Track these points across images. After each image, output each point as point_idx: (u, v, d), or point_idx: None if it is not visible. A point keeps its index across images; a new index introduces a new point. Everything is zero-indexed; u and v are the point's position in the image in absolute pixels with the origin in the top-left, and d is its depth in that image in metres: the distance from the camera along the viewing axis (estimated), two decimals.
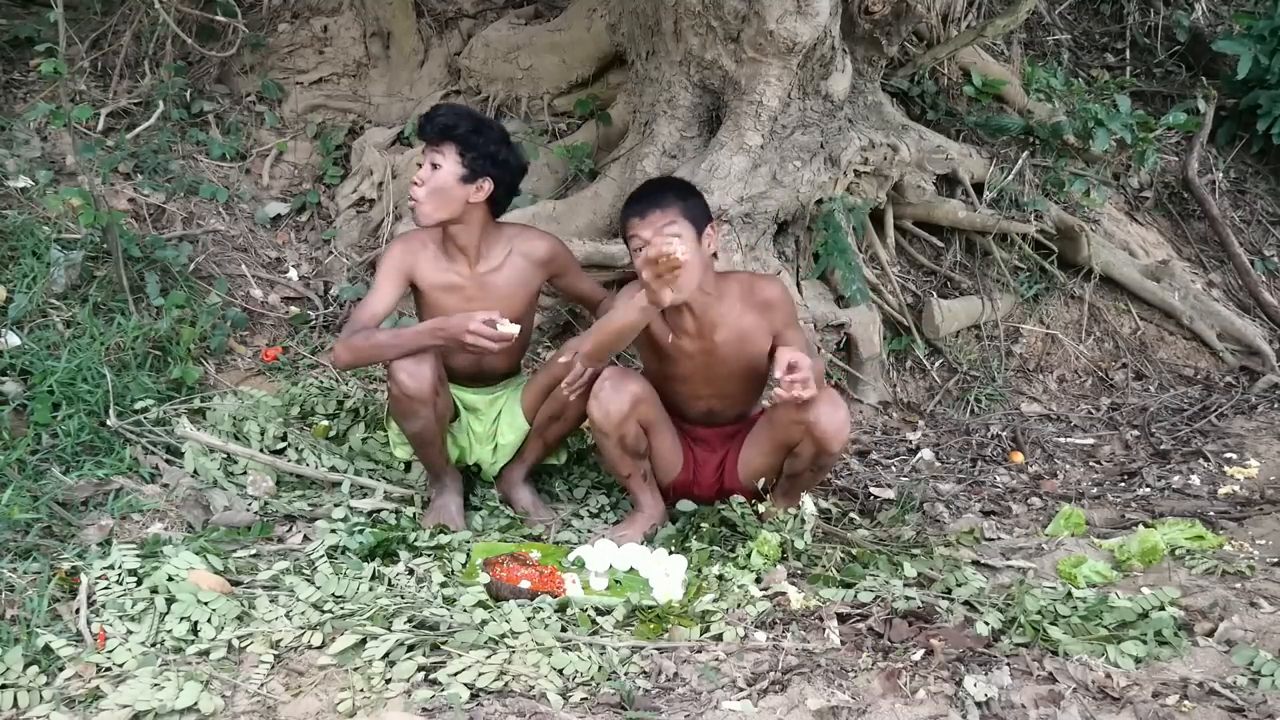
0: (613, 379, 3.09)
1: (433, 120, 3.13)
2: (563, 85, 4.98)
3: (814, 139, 4.29)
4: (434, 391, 3.11)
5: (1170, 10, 6.56)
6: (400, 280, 3.19)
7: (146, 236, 4.27)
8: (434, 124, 3.12)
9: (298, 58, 5.20)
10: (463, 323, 2.95)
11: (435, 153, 3.11)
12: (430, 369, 3.08)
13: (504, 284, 3.27)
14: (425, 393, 3.08)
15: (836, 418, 3.00)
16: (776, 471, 3.22)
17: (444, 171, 3.11)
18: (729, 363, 3.17)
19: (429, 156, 3.12)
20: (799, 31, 4.03)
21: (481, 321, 2.93)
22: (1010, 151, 5.16)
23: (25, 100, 4.87)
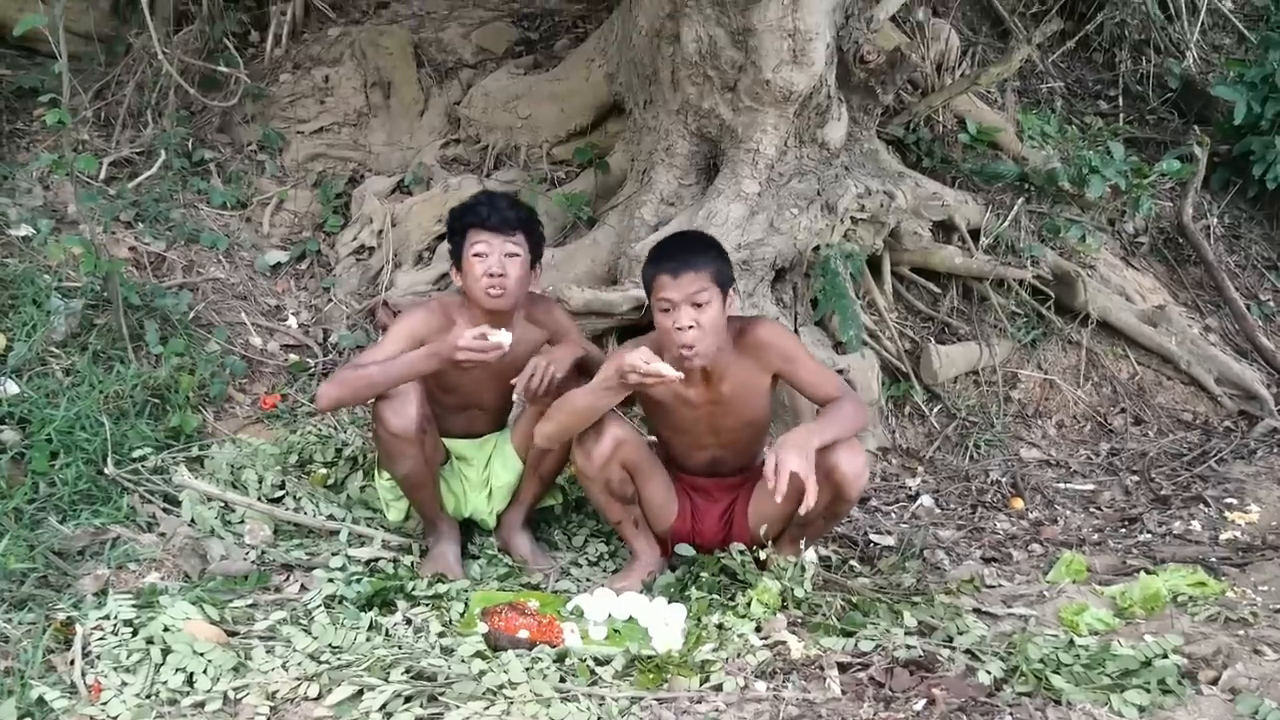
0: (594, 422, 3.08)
1: (501, 212, 3.16)
2: (561, 134, 5.02)
3: (811, 186, 4.31)
4: (420, 430, 3.10)
5: (1162, 58, 6.63)
6: (411, 347, 3.10)
7: (147, 284, 4.28)
8: (506, 216, 3.15)
9: (299, 107, 5.25)
10: (454, 340, 2.96)
11: (510, 242, 3.14)
12: (415, 407, 3.06)
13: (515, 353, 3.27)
14: (411, 431, 3.07)
15: (855, 464, 2.97)
16: (788, 518, 3.16)
17: (522, 261, 3.16)
18: (734, 412, 3.15)
19: (501, 247, 3.12)
20: (795, 81, 4.07)
21: (472, 336, 2.94)
22: (1006, 198, 5.19)
23: (29, 150, 4.91)
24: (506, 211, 3.16)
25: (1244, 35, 6.83)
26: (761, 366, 3.10)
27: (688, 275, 2.90)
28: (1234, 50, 6.80)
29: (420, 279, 4.60)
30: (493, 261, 3.11)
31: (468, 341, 2.92)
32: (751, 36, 4.02)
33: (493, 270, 3.11)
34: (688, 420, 3.18)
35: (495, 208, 3.16)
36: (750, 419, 3.20)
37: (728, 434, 3.21)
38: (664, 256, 3.00)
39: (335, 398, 3.07)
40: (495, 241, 3.12)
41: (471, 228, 3.15)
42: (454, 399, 3.30)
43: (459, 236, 3.20)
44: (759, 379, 3.13)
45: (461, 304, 3.24)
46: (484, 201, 3.19)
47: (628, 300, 4.00)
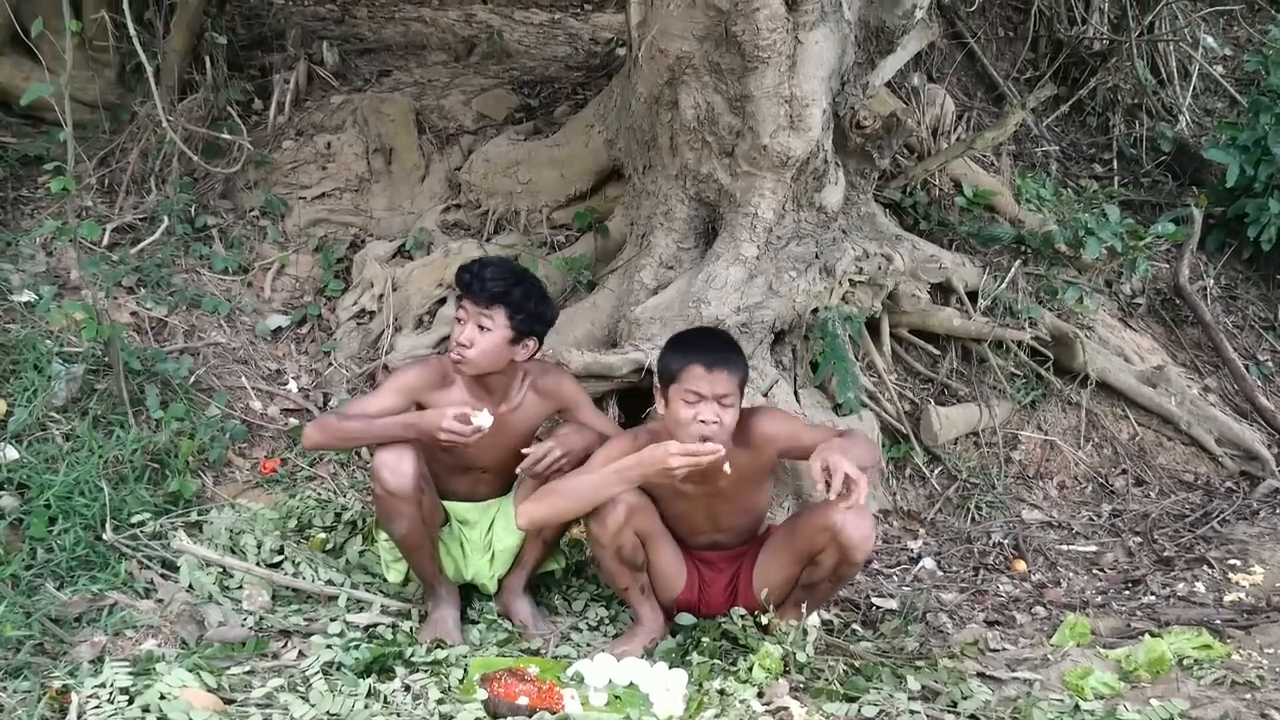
0: None
1: (482, 282, 3.11)
2: (561, 198, 5.07)
3: (809, 250, 4.35)
4: (418, 489, 3.09)
5: (1154, 122, 6.71)
6: (405, 402, 3.13)
7: (148, 349, 4.30)
8: (484, 288, 3.10)
9: (301, 173, 5.30)
10: (435, 420, 2.98)
11: (483, 315, 3.10)
12: (412, 465, 3.06)
13: (519, 421, 3.28)
14: (408, 490, 3.06)
15: (863, 526, 2.95)
16: (793, 582, 3.14)
17: (494, 335, 3.12)
18: (733, 502, 3.15)
19: (475, 317, 3.11)
20: (792, 146, 4.12)
21: (454, 417, 2.95)
22: (1003, 260, 5.23)
23: (33, 216, 4.95)
24: (488, 283, 3.11)
25: (1235, 99, 6.92)
26: (762, 457, 3.10)
27: (722, 374, 2.91)
28: (1226, 114, 6.89)
29: (420, 343, 4.62)
30: (464, 330, 3.12)
31: (450, 424, 2.95)
32: (749, 103, 4.07)
33: (459, 338, 3.12)
34: (684, 510, 3.17)
35: (478, 278, 3.13)
36: (749, 506, 3.20)
37: (726, 520, 3.21)
38: (700, 348, 2.98)
39: (317, 441, 3.14)
40: (472, 310, 3.12)
41: (459, 291, 3.18)
42: (452, 459, 3.30)
43: (456, 298, 3.24)
44: (759, 469, 3.13)
45: None
46: (471, 269, 3.17)
47: (627, 363, 4.01)
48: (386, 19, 7.82)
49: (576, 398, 3.42)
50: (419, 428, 3.02)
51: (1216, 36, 7.37)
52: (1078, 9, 6.93)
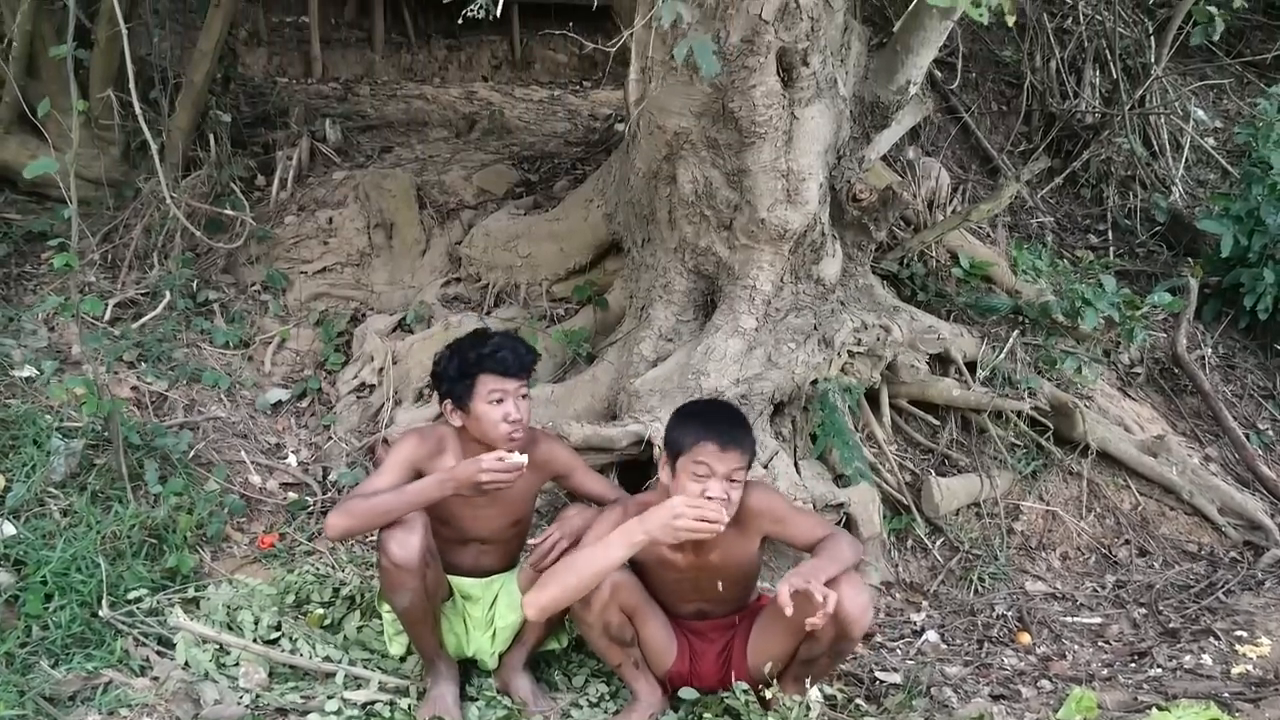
0: None
1: (520, 358, 3.18)
2: (561, 272, 5.10)
3: (807, 321, 4.37)
4: (423, 563, 3.07)
5: (1148, 193, 6.78)
6: (408, 474, 3.13)
7: (148, 424, 4.30)
8: (523, 363, 3.19)
9: (303, 248, 5.34)
10: (472, 468, 2.99)
11: (523, 386, 3.18)
12: (419, 538, 3.04)
13: (516, 490, 3.26)
14: (414, 562, 3.04)
15: (859, 601, 2.92)
16: (790, 657, 3.11)
17: (530, 399, 3.22)
18: (719, 574, 3.13)
19: (517, 392, 3.16)
20: (790, 219, 4.17)
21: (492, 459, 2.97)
22: (1001, 331, 5.25)
23: (35, 292, 4.98)
24: (525, 357, 3.19)
25: (1227, 171, 7.00)
26: (751, 531, 3.10)
27: (734, 453, 2.92)
28: (1218, 185, 6.97)
29: (420, 415, 4.62)
30: (510, 407, 3.14)
31: (490, 465, 2.96)
32: (746, 177, 4.12)
33: (511, 416, 3.13)
34: (670, 581, 3.16)
35: (516, 355, 3.16)
36: (737, 578, 3.19)
37: (712, 592, 3.18)
38: (714, 425, 2.98)
39: (345, 528, 3.05)
40: (511, 386, 3.15)
41: (486, 373, 3.15)
42: (451, 532, 3.28)
43: (468, 380, 3.17)
44: (747, 543, 3.12)
45: (452, 433, 3.26)
46: (504, 348, 3.17)
47: (627, 436, 4.01)
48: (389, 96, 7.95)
49: (571, 462, 3.43)
50: (457, 480, 3.01)
51: (1207, 109, 7.48)
52: (1069, 83, 7.05)
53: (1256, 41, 8.16)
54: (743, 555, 3.13)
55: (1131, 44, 7.11)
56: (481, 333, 3.35)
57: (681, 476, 2.93)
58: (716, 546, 3.04)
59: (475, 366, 3.16)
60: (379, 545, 3.07)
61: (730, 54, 3.78)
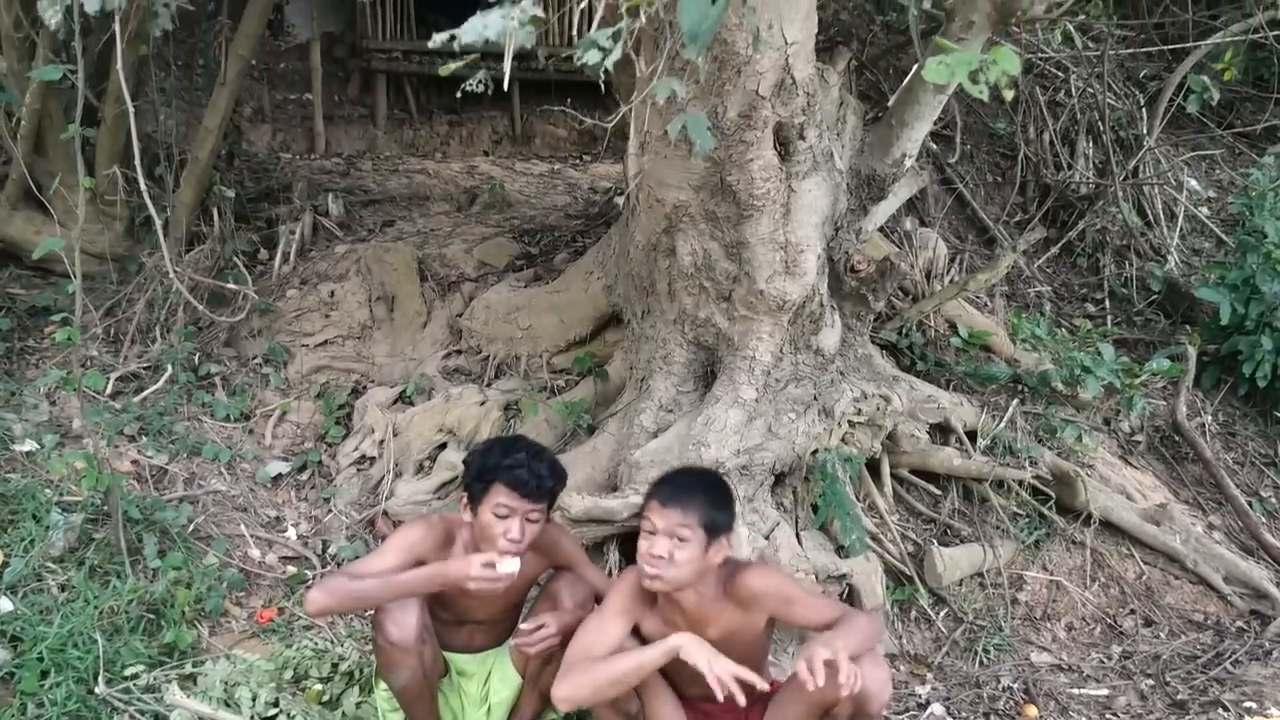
0: None
1: (540, 481, 3.06)
2: (561, 343, 5.12)
3: (807, 391, 4.38)
4: (420, 641, 3.04)
5: (1143, 262, 6.84)
6: (409, 561, 3.07)
7: (147, 498, 4.29)
8: (541, 487, 3.07)
9: (305, 321, 5.37)
10: (463, 569, 2.94)
11: (533, 510, 3.07)
12: (416, 618, 3.02)
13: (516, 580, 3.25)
14: (410, 642, 3.01)
15: (878, 677, 2.87)
16: None
17: (536, 527, 3.10)
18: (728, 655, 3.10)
19: (525, 513, 3.05)
20: (788, 290, 4.19)
21: (481, 565, 2.92)
22: (1000, 399, 5.26)
23: (37, 366, 5.00)
24: (545, 480, 3.07)
25: (1222, 240, 7.06)
26: (754, 611, 3.05)
27: (675, 510, 2.90)
28: (1213, 253, 7.02)
29: (420, 488, 4.61)
30: (513, 526, 3.04)
31: (479, 571, 2.91)
32: (745, 249, 4.15)
33: (510, 535, 3.04)
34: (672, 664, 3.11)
35: (534, 474, 3.05)
36: (743, 659, 3.14)
37: None
38: (663, 484, 3.01)
39: (324, 605, 2.97)
40: (521, 506, 3.05)
41: (500, 483, 3.05)
42: (448, 614, 3.26)
43: (483, 483, 3.08)
44: (751, 624, 3.07)
45: (463, 523, 3.21)
46: (522, 464, 3.06)
47: (628, 507, 4.00)
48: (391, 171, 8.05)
49: (573, 555, 3.38)
50: (446, 578, 2.96)
51: (1200, 179, 7.56)
52: (1063, 155, 7.14)
53: (1247, 113, 8.29)
54: (747, 635, 3.08)
55: (1124, 116, 7.23)
56: (519, 441, 3.23)
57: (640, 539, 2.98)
58: (711, 623, 3.00)
59: (493, 474, 3.06)
60: (375, 625, 3.05)
61: (728, 129, 3.83)
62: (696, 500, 2.94)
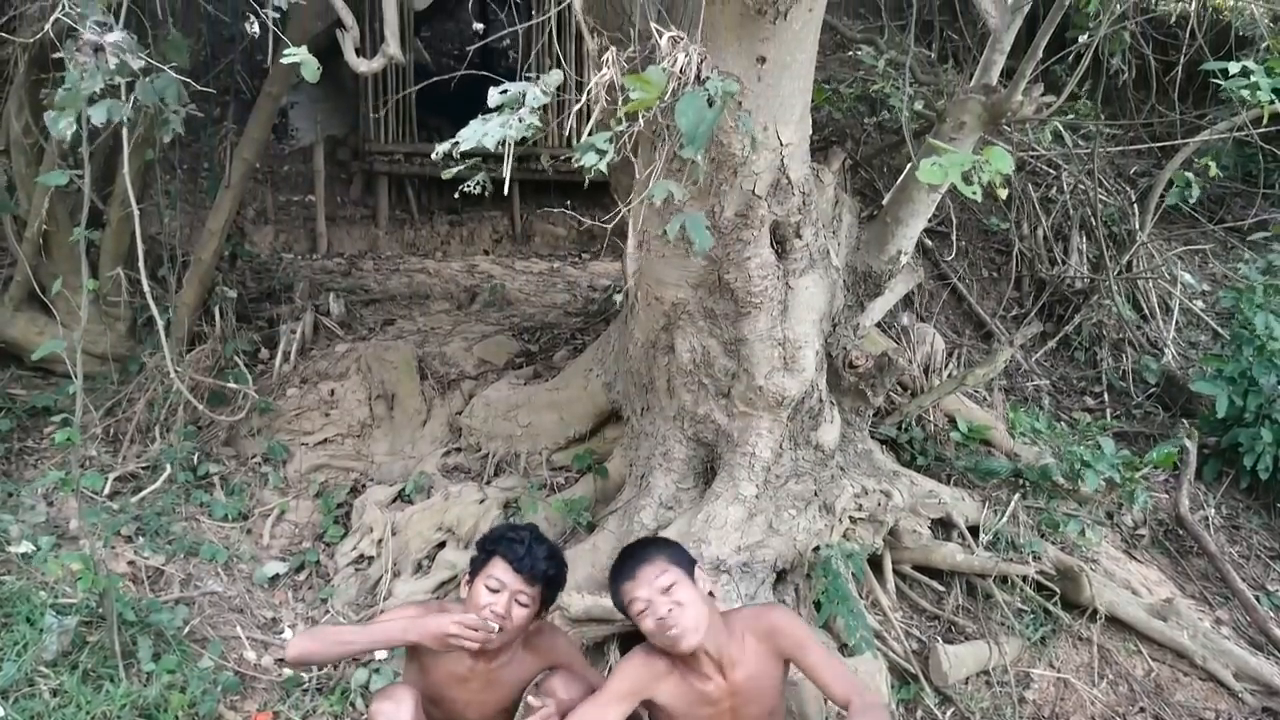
0: None
1: (534, 561, 3.09)
2: (561, 441, 5.12)
3: (807, 487, 4.37)
4: None
5: (1140, 355, 6.87)
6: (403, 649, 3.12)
7: (143, 599, 4.25)
8: (535, 567, 3.09)
9: (304, 420, 5.38)
10: (441, 622, 2.97)
11: (524, 591, 3.09)
12: (409, 712, 2.99)
13: (510, 676, 3.23)
14: None
15: None
16: None
17: (527, 611, 3.11)
18: (754, 700, 3.08)
19: (515, 592, 3.07)
20: (787, 386, 4.21)
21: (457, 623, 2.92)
22: (1002, 494, 5.24)
23: (36, 467, 5.00)
24: (540, 562, 3.10)
25: (1218, 332, 7.10)
26: (774, 652, 3.09)
27: (644, 568, 2.98)
28: (1209, 346, 7.06)
29: (419, 588, 4.57)
30: (500, 600, 3.06)
31: (454, 629, 2.93)
32: (743, 346, 4.18)
33: (495, 607, 3.05)
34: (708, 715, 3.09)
35: (531, 555, 3.09)
36: (771, 707, 3.12)
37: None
38: (616, 569, 3.09)
39: (305, 649, 3.01)
40: (512, 582, 3.08)
41: (499, 556, 3.11)
42: (441, 713, 3.22)
43: (482, 556, 3.16)
44: (772, 665, 3.10)
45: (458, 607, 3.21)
46: (523, 541, 3.12)
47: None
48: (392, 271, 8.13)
49: (570, 657, 3.36)
50: (424, 628, 2.98)
51: (1193, 273, 7.63)
52: (1057, 250, 7.23)
53: (1237, 207, 8.41)
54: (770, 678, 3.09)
55: (1116, 212, 7.33)
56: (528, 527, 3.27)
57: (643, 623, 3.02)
58: (738, 664, 3.03)
59: (494, 545, 3.14)
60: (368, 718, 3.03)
61: (725, 228, 3.89)
62: (650, 551, 3.06)
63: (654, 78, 2.86)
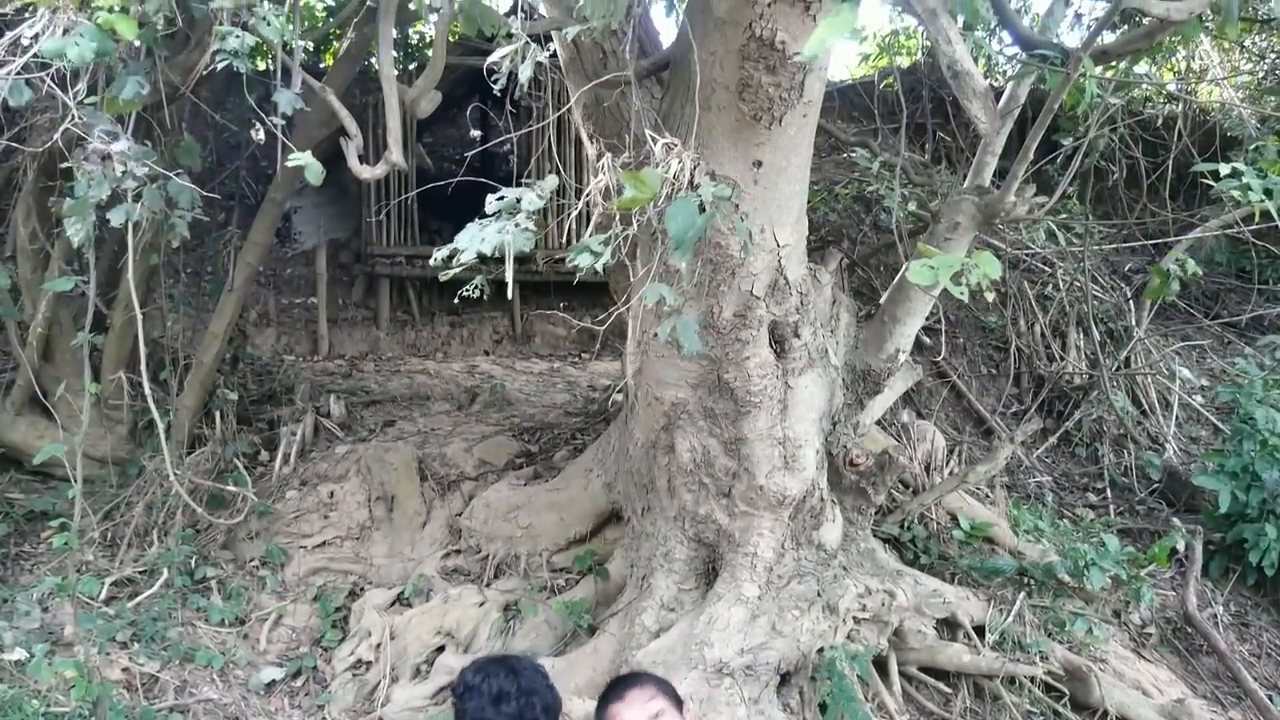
0: None
1: None
2: (561, 542, 5.09)
3: (810, 588, 4.33)
4: None
5: (1140, 450, 6.86)
6: None
7: (137, 708, 4.18)
8: None
9: (303, 522, 5.35)
10: None
11: None
12: None
13: None
14: None
15: None
16: None
17: None
18: None
19: None
20: (788, 486, 4.20)
21: None
22: (1007, 593, 5.18)
23: (32, 572, 4.96)
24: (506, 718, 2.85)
25: (1218, 427, 7.10)
26: None
27: (634, 691, 2.91)
28: (1210, 441, 7.05)
29: (417, 694, 4.49)
30: None
31: None
32: (744, 445, 4.18)
33: None
34: None
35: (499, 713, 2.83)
36: None
37: None
38: (606, 693, 3.01)
39: None
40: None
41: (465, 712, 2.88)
42: None
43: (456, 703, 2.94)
44: None
45: None
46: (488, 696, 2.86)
47: None
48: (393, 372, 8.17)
49: None
50: None
51: (1191, 368, 7.66)
52: (1054, 347, 7.26)
53: (1232, 303, 8.48)
54: None
55: (1111, 308, 7.39)
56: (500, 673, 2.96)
57: None
58: None
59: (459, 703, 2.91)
60: None
61: (724, 328, 3.92)
62: (642, 678, 3.00)
63: (649, 178, 2.91)
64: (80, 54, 3.08)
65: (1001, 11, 3.97)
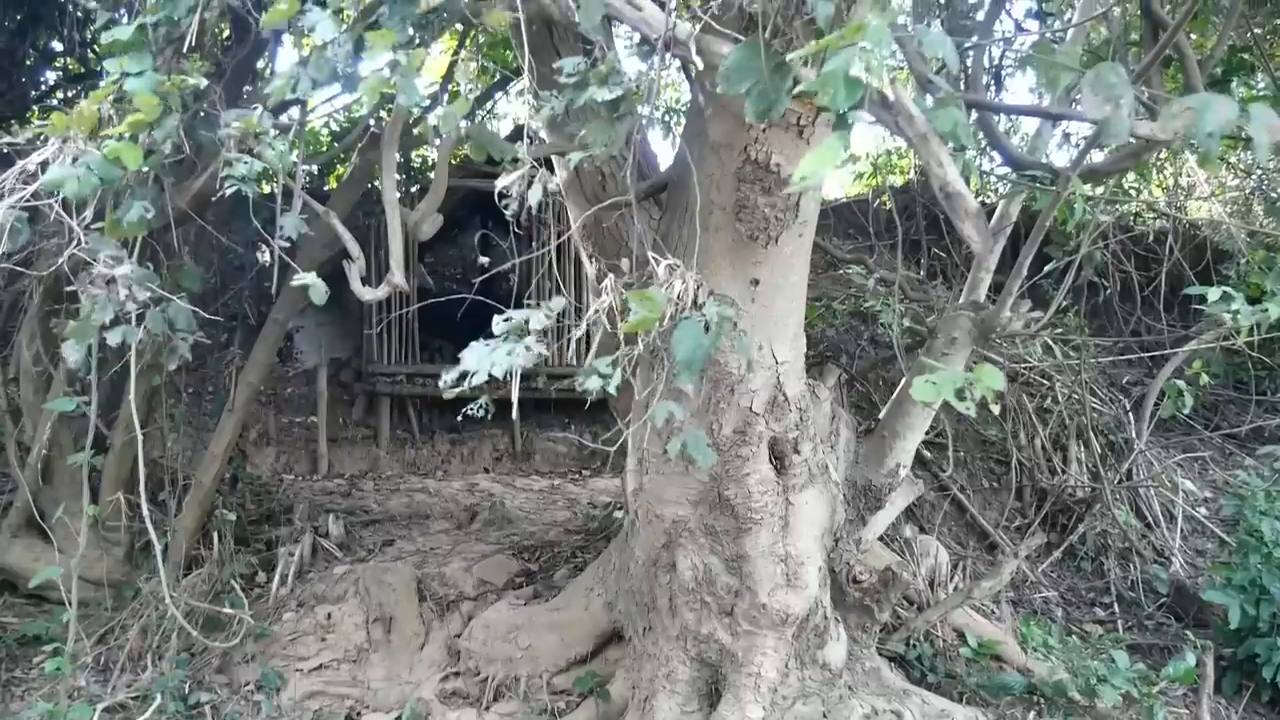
0: None
1: None
2: (562, 663, 5.01)
3: (815, 709, 4.25)
4: None
5: (1146, 564, 6.79)
6: None
7: None
8: None
9: (300, 645, 5.27)
10: None
11: None
12: None
13: None
14: None
15: None
16: None
17: None
18: None
19: None
20: (791, 604, 4.15)
21: None
22: (1016, 712, 5.08)
23: (23, 698, 4.86)
24: None
25: (1224, 540, 7.04)
26: None
27: None
28: (1217, 553, 6.98)
29: None
30: None
31: None
32: (745, 563, 4.15)
33: None
34: None
35: None
36: None
37: None
38: None
39: None
40: None
41: None
42: None
43: None
44: None
45: None
46: None
47: None
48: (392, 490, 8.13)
49: None
50: None
51: (1194, 480, 7.64)
52: (1056, 459, 7.24)
53: (1231, 414, 8.49)
54: None
55: (1111, 420, 7.39)
56: None
57: None
58: None
59: None
60: None
61: (724, 445, 3.92)
62: None
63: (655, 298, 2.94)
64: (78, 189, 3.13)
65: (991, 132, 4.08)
